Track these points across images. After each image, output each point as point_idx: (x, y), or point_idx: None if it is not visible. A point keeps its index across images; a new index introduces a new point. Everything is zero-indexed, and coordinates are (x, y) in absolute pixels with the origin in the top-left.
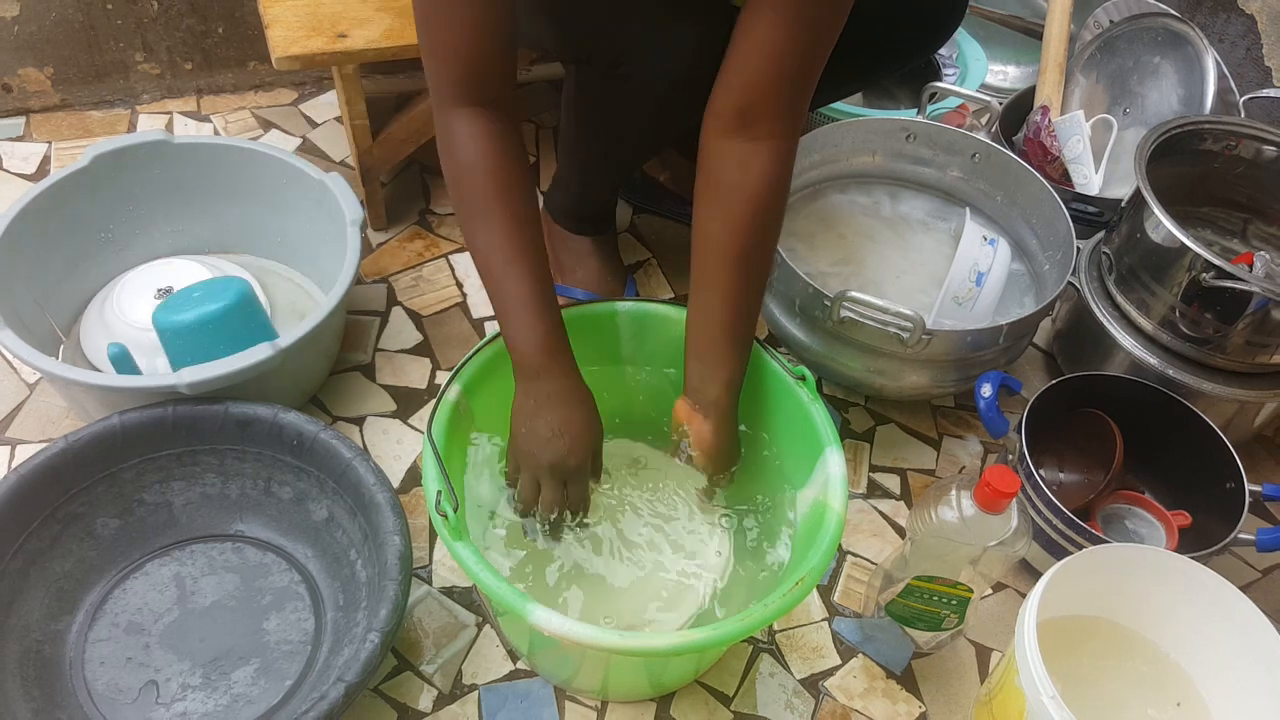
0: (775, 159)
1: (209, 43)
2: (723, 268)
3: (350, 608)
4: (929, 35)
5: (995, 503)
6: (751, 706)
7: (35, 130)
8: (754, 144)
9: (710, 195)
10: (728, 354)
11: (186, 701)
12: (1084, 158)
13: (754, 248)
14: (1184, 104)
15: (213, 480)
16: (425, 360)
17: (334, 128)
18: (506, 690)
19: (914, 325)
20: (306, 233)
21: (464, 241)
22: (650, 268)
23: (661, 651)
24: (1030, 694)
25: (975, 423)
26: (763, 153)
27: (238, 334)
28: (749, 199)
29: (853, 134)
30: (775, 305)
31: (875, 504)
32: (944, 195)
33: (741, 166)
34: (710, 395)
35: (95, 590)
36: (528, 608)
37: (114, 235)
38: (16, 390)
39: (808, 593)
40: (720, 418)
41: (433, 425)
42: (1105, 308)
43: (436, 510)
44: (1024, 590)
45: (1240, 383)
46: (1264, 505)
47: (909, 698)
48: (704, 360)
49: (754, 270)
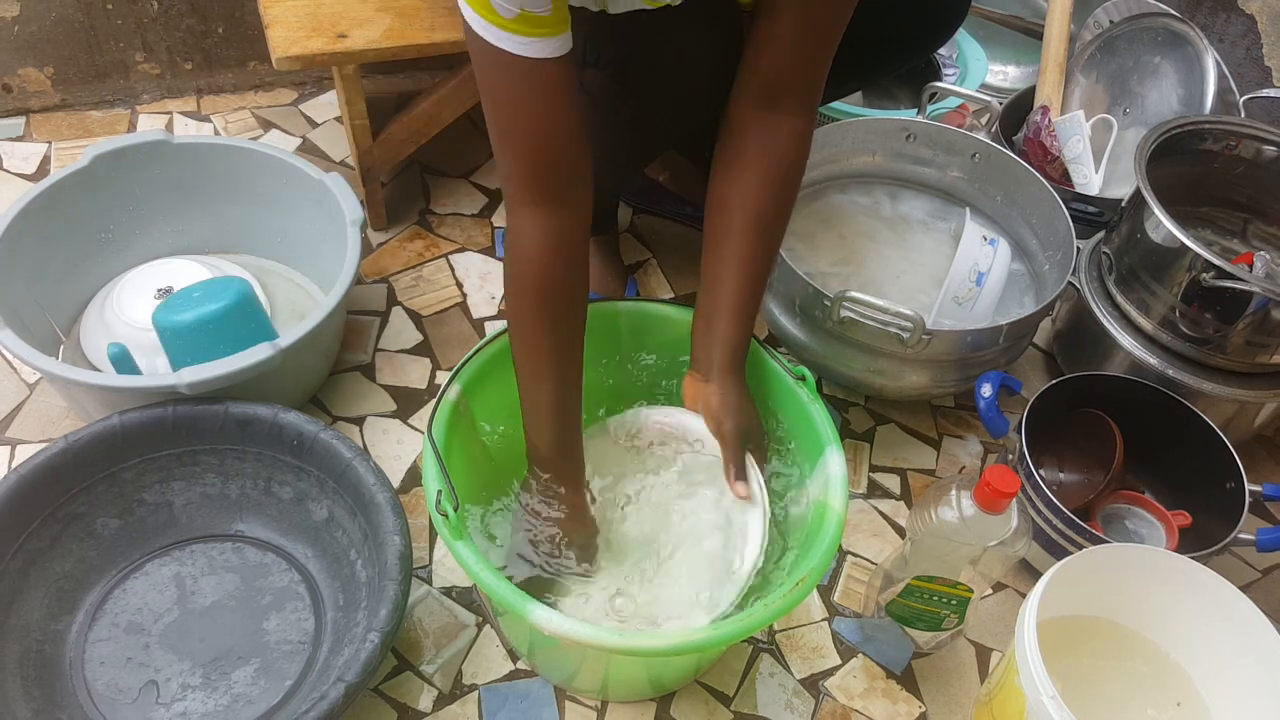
0: (796, 132)
1: (209, 43)
2: (736, 237)
3: (350, 608)
4: (931, 33)
5: (995, 503)
6: (751, 706)
7: (35, 130)
8: (778, 116)
9: (733, 160)
10: (734, 322)
11: (186, 701)
12: (1084, 158)
13: (771, 215)
14: (1184, 104)
15: (213, 480)
16: (425, 360)
17: (334, 128)
18: (506, 690)
19: (914, 325)
20: (306, 233)
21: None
22: (650, 268)
23: (661, 651)
24: (1030, 694)
25: (975, 423)
26: (785, 125)
27: (238, 334)
28: (774, 165)
29: (853, 134)
30: (775, 305)
31: (875, 504)
32: (944, 195)
33: (768, 134)
34: (714, 359)
35: (95, 590)
36: (528, 607)
37: (114, 235)
38: (16, 390)
39: (808, 593)
40: (725, 381)
41: (433, 425)
42: (1105, 308)
43: (436, 510)
44: (1024, 590)
45: (1240, 383)
46: (1264, 505)
47: (909, 698)
48: (710, 323)
49: (768, 237)
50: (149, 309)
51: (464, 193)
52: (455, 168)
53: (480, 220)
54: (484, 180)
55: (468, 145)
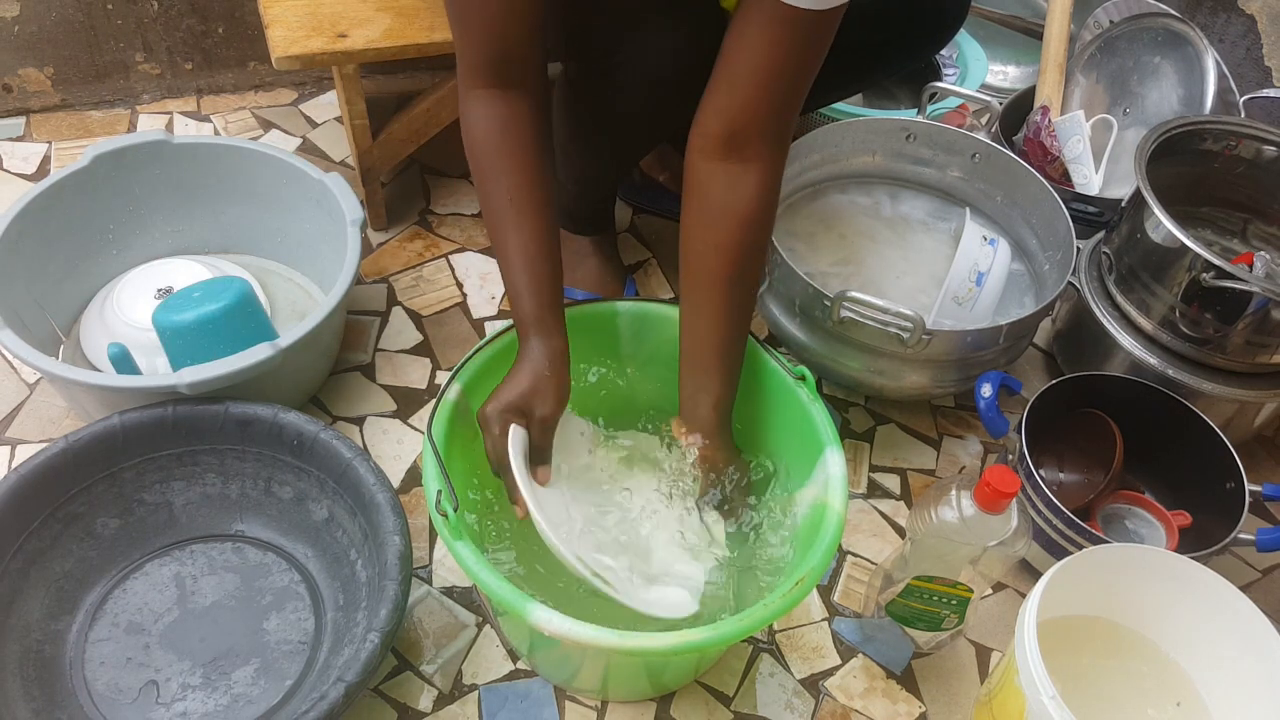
0: (763, 180)
1: (209, 43)
2: (712, 290)
3: (350, 608)
4: (931, 35)
5: (995, 503)
6: (751, 706)
7: (35, 130)
8: (743, 165)
9: (698, 217)
10: (716, 376)
11: (186, 701)
12: (1084, 158)
13: (742, 269)
14: (1184, 104)
15: (213, 480)
16: (425, 360)
17: (334, 128)
18: (506, 690)
19: (914, 325)
20: (306, 233)
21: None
22: (650, 268)
23: (661, 651)
24: (1030, 694)
25: (975, 423)
26: (751, 175)
27: (238, 334)
28: (739, 222)
29: (853, 134)
30: (775, 305)
31: (875, 504)
32: (944, 195)
33: (730, 189)
34: (700, 414)
35: (95, 590)
36: (528, 607)
37: (114, 235)
38: (16, 390)
39: (808, 593)
40: (711, 435)
41: (433, 425)
42: (1105, 308)
43: (436, 510)
44: (1024, 590)
45: (1240, 383)
46: (1264, 505)
47: (909, 698)
48: (695, 380)
49: (742, 291)
50: (149, 309)
51: (464, 193)
52: (455, 168)
53: (480, 220)
54: None
55: None
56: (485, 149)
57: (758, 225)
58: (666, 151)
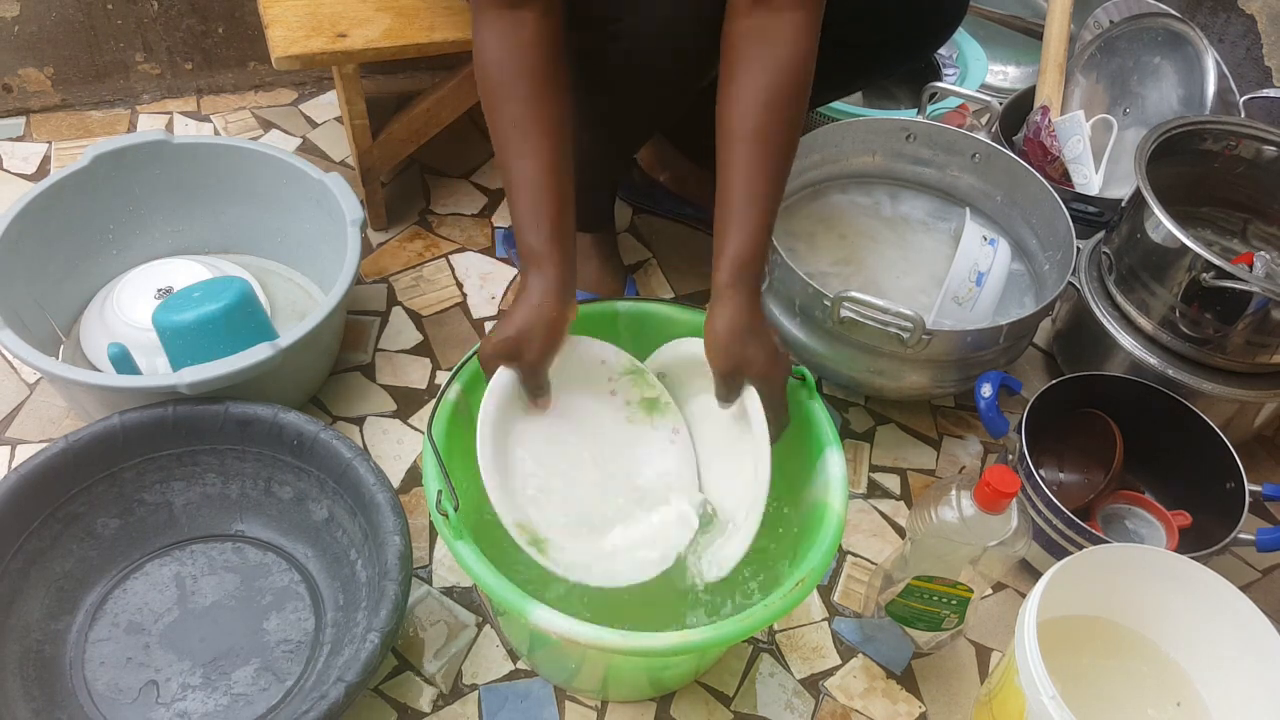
0: (799, 28)
1: (209, 43)
2: (741, 140)
3: (350, 608)
4: (928, 35)
5: (995, 503)
6: (751, 706)
7: (35, 130)
8: (777, 15)
9: (731, 73)
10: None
11: (186, 701)
12: (1084, 158)
13: (773, 124)
14: (1184, 104)
15: (213, 480)
16: (425, 360)
17: (334, 128)
18: (506, 690)
19: (914, 325)
20: (306, 233)
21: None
22: (650, 268)
23: (661, 651)
24: (1030, 694)
25: (975, 423)
26: (786, 23)
27: (238, 334)
28: (774, 70)
29: (853, 134)
30: (775, 305)
31: (875, 504)
32: (944, 195)
33: (764, 38)
34: (718, 279)
35: (95, 590)
36: (528, 607)
37: (114, 235)
38: (16, 390)
39: (808, 593)
40: (723, 301)
41: (433, 425)
42: (1105, 308)
43: (436, 510)
44: (1024, 590)
45: (1240, 383)
46: (1264, 505)
47: (909, 698)
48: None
49: (773, 148)
50: (149, 309)
51: (464, 193)
52: (455, 168)
53: (480, 220)
54: (484, 180)
55: (468, 145)
56: (491, 72)
57: (793, 77)
58: (667, 152)
